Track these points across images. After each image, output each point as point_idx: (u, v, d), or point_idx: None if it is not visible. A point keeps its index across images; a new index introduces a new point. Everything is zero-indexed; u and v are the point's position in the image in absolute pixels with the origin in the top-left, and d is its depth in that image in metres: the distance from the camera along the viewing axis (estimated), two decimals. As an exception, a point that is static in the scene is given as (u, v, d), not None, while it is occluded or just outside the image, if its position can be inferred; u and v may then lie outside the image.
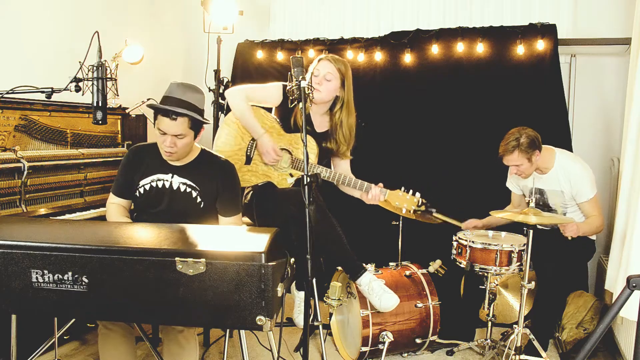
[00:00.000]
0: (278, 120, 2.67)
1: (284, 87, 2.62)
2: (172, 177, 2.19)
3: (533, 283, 2.53)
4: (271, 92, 2.66)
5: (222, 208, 2.26)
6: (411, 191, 2.57)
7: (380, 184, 2.61)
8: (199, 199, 2.20)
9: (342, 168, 2.79)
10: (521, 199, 3.11)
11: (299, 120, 2.61)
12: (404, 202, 2.56)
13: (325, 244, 2.50)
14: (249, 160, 2.64)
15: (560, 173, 2.80)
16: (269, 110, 2.74)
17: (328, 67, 2.59)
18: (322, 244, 2.48)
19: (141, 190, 2.21)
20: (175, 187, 2.19)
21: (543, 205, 2.92)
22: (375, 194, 2.57)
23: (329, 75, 2.58)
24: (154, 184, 2.20)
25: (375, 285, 2.52)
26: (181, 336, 2.04)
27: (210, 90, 3.75)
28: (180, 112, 2.04)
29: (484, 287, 2.80)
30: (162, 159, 2.21)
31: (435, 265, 3.06)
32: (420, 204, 2.55)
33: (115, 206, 2.25)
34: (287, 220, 2.45)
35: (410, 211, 2.58)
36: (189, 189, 2.19)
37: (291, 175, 2.63)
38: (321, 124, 2.72)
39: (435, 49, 3.63)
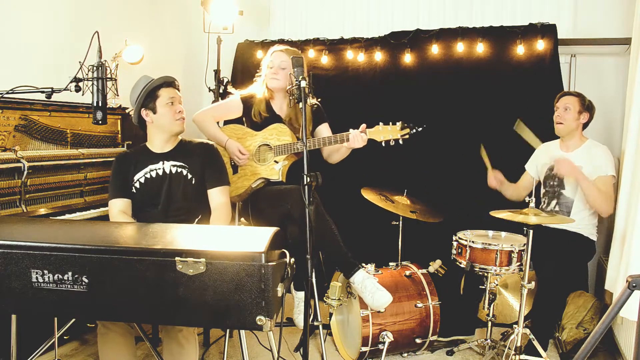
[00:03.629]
0: (246, 126, 2.83)
1: (242, 98, 2.83)
2: (162, 163, 2.32)
3: (533, 283, 2.53)
4: (232, 106, 2.85)
5: (209, 179, 2.37)
6: (390, 122, 2.59)
7: (363, 125, 2.62)
8: (189, 176, 2.33)
9: (324, 133, 2.86)
10: (530, 183, 3.16)
11: (262, 110, 2.78)
12: (387, 133, 2.59)
13: (319, 241, 2.51)
14: (235, 169, 2.77)
15: (585, 151, 2.91)
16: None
17: (281, 57, 2.75)
18: (315, 242, 2.50)
19: (137, 185, 2.30)
20: (168, 171, 2.32)
21: (558, 184, 2.93)
22: (354, 136, 2.59)
23: (283, 63, 2.73)
24: (148, 176, 2.31)
25: (368, 283, 2.52)
26: (181, 335, 2.04)
27: (210, 90, 3.75)
28: (174, 78, 2.33)
29: (484, 287, 2.80)
30: (148, 154, 2.34)
31: (435, 265, 3.06)
32: (402, 127, 2.57)
33: (121, 216, 2.27)
34: (282, 220, 2.46)
35: (398, 139, 2.57)
36: (179, 169, 2.33)
37: (276, 161, 2.70)
38: (281, 109, 2.83)
39: (435, 49, 3.63)
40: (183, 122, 2.33)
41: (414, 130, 2.58)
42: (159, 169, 2.32)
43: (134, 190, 2.30)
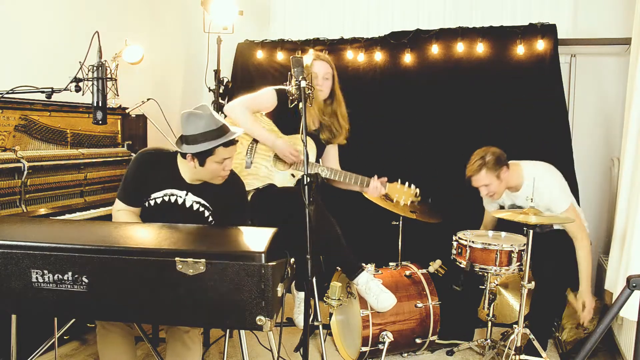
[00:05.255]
0: (274, 118, 2.75)
1: (277, 91, 2.69)
2: (186, 194, 2.14)
3: (533, 283, 2.53)
4: (266, 99, 2.71)
5: (233, 222, 2.17)
6: (407, 183, 2.65)
7: (384, 179, 2.65)
8: (210, 218, 2.18)
9: (331, 155, 2.85)
10: (494, 221, 3.06)
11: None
12: (402, 194, 2.63)
13: (323, 243, 2.51)
14: (248, 164, 2.68)
15: (530, 187, 2.60)
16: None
17: (325, 67, 2.70)
18: (319, 243, 2.49)
19: (152, 202, 2.14)
20: (188, 205, 2.14)
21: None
22: (375, 186, 2.62)
23: (327, 74, 2.69)
24: (166, 199, 2.13)
25: (372, 285, 2.52)
26: (187, 336, 2.03)
27: (210, 90, 3.75)
28: (236, 138, 2.07)
29: (483, 287, 2.80)
30: (175, 173, 2.14)
31: (435, 265, 3.06)
32: (417, 195, 2.65)
33: (124, 212, 2.15)
34: (285, 220, 2.45)
35: (407, 203, 2.66)
36: (202, 208, 2.16)
37: (293, 175, 2.66)
38: (314, 121, 2.78)
39: (435, 49, 3.63)
40: (224, 180, 2.15)
41: (424, 201, 2.72)
42: (180, 197, 2.13)
43: (147, 205, 2.14)
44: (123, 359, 2.04)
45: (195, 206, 2.14)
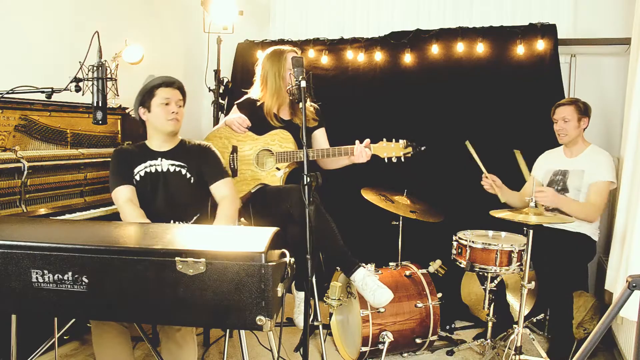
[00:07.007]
0: (248, 130, 2.84)
1: (237, 104, 2.91)
2: (161, 160, 2.36)
3: (533, 283, 2.53)
4: (235, 114, 2.87)
5: (208, 176, 2.39)
6: (394, 139, 2.64)
7: (367, 141, 2.66)
8: (188, 175, 2.36)
9: (320, 139, 2.89)
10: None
11: (274, 120, 2.79)
12: (391, 150, 2.64)
13: (319, 239, 2.51)
14: (234, 172, 2.79)
15: (588, 156, 2.91)
16: None
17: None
18: (316, 240, 2.51)
19: (137, 177, 2.32)
20: (165, 169, 2.35)
21: (562, 188, 2.94)
22: (360, 151, 2.62)
23: None
24: (147, 170, 2.34)
25: (369, 281, 2.53)
26: (179, 335, 2.04)
27: (210, 90, 3.75)
28: (177, 80, 2.35)
29: (484, 287, 2.80)
30: (147, 151, 2.37)
31: (435, 265, 3.06)
32: (406, 145, 2.63)
33: (129, 205, 2.23)
34: (282, 219, 2.47)
35: (401, 157, 2.64)
36: (178, 168, 2.36)
37: (278, 168, 2.71)
38: (285, 113, 2.84)
39: (435, 49, 3.63)
40: (176, 123, 2.33)
41: (417, 150, 2.64)
42: (158, 165, 2.35)
43: (134, 182, 2.32)
44: (119, 358, 2.04)
45: (172, 168, 2.36)
